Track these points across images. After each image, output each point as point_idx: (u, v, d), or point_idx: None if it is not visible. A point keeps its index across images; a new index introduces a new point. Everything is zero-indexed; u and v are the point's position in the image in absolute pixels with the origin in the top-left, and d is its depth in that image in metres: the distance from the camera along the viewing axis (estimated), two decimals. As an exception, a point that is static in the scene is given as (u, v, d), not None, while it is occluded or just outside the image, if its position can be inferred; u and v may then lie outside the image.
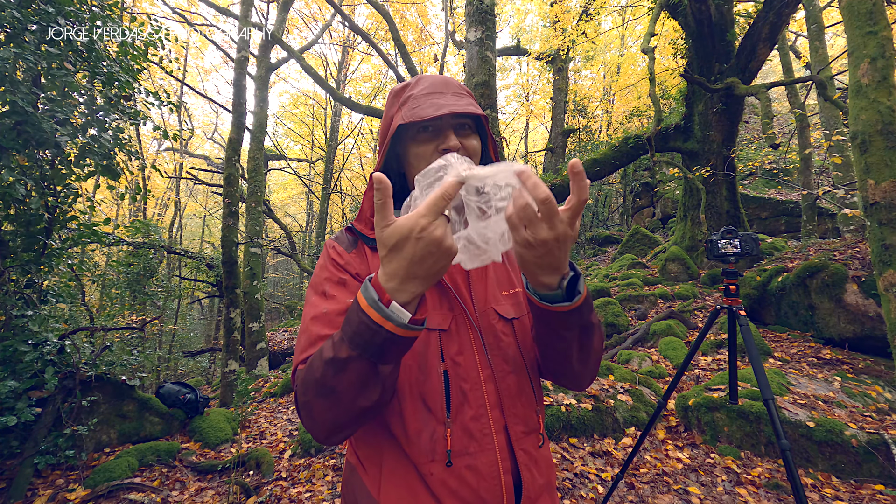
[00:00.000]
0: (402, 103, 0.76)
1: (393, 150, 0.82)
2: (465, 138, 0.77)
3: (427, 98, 0.74)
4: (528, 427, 0.75)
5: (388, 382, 0.62)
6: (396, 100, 0.79)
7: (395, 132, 0.78)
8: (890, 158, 2.47)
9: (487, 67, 4.02)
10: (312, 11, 13.14)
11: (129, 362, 3.53)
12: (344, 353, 0.56)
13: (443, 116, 0.73)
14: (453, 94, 0.75)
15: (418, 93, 0.75)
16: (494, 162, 0.86)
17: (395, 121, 0.74)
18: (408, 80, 0.82)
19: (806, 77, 6.29)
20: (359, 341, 0.55)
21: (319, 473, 3.00)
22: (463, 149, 0.76)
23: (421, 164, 0.76)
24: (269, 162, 13.72)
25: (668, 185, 11.45)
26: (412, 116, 0.71)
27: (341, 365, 0.57)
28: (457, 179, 0.50)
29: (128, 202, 10.11)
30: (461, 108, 0.71)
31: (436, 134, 0.75)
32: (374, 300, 0.53)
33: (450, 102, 0.73)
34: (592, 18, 10.66)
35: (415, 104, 0.73)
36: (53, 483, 2.73)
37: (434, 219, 0.50)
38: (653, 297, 5.75)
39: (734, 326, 1.93)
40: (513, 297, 0.82)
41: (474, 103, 0.77)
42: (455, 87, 0.78)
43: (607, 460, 2.84)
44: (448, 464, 0.67)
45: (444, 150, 0.74)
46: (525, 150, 19.55)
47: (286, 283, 21.67)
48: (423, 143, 0.76)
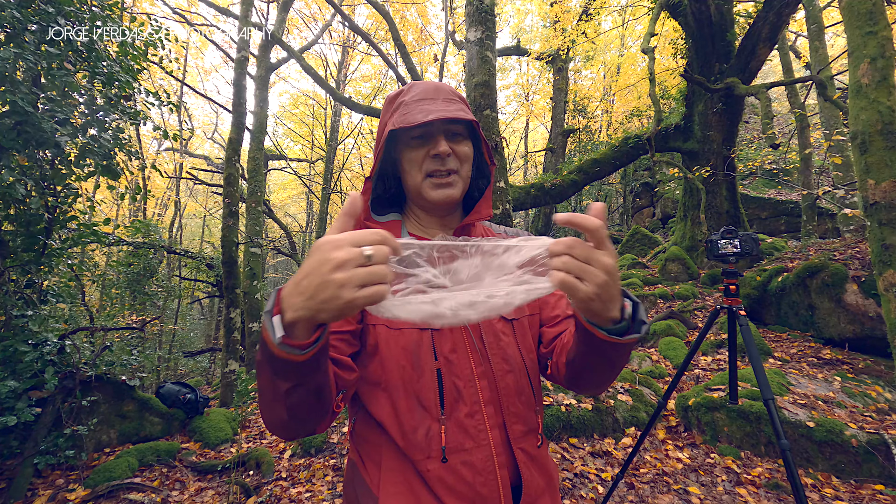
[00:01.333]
0: (395, 109, 0.78)
1: (388, 155, 0.84)
2: (457, 144, 0.78)
3: (418, 104, 0.75)
4: (527, 426, 0.75)
5: (294, 402, 0.56)
6: (390, 106, 0.80)
7: (389, 137, 0.80)
8: (890, 158, 2.47)
9: (487, 67, 4.01)
10: (312, 11, 13.14)
11: (129, 362, 3.53)
12: (258, 356, 0.54)
13: (433, 122, 0.74)
14: (444, 100, 0.77)
15: (409, 99, 0.77)
16: (490, 165, 0.87)
17: (387, 127, 0.76)
18: (406, 83, 0.83)
19: (806, 77, 6.29)
20: (264, 356, 0.52)
21: (319, 473, 3.00)
22: (453, 154, 0.77)
23: (413, 169, 0.78)
24: (269, 162, 13.71)
25: (668, 185, 11.45)
26: (402, 122, 0.73)
27: (258, 368, 0.55)
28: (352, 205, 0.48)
29: (128, 202, 10.11)
30: (450, 114, 0.72)
31: (426, 139, 0.77)
32: (267, 308, 0.50)
33: (439, 108, 0.74)
34: (592, 18, 10.67)
35: (405, 110, 0.75)
36: (53, 483, 2.73)
37: (336, 233, 0.47)
38: (653, 297, 5.75)
39: (734, 326, 1.93)
40: None
41: (465, 108, 0.79)
42: (446, 92, 0.79)
43: (607, 460, 2.84)
44: (444, 460, 0.68)
45: (434, 155, 0.76)
46: (525, 150, 19.55)
47: (286, 283, 21.64)
48: (415, 149, 0.77)
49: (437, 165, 0.77)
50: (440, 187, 0.78)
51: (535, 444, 0.76)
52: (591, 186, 13.18)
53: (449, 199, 0.79)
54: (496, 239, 0.56)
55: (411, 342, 0.72)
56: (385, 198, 0.90)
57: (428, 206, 0.82)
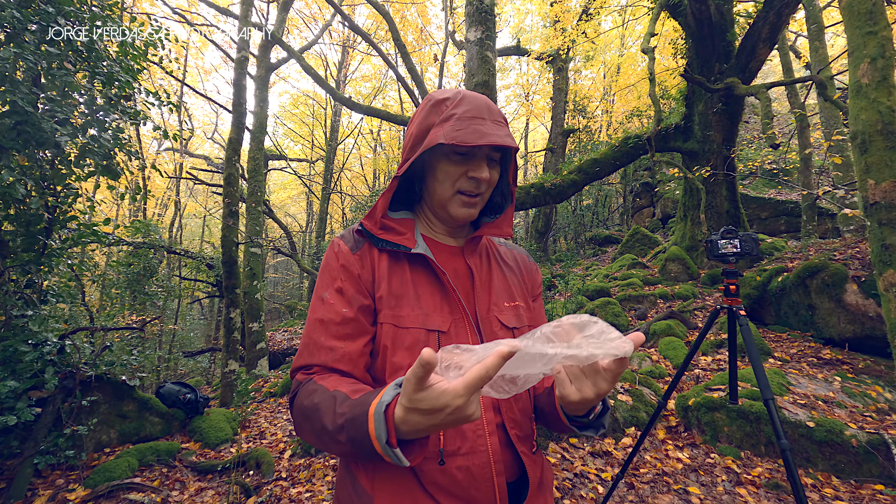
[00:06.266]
0: (444, 119, 0.76)
1: (419, 157, 0.83)
2: (493, 169, 0.80)
3: (470, 122, 0.74)
4: (523, 432, 0.76)
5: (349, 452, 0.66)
6: (436, 112, 0.78)
7: None
8: (890, 158, 2.47)
9: (487, 67, 4.02)
10: (312, 11, 13.14)
11: (129, 362, 3.52)
12: (342, 438, 0.60)
13: (482, 145, 0.74)
14: (494, 122, 0.76)
15: (462, 114, 0.75)
16: (512, 186, 0.88)
17: (435, 136, 0.74)
18: (446, 90, 0.82)
19: (806, 77, 6.28)
20: (357, 445, 0.58)
21: (319, 473, 3.00)
22: (487, 180, 0.78)
23: (447, 182, 0.78)
24: (269, 162, 13.71)
25: (668, 185, 11.45)
26: (455, 139, 0.72)
27: (333, 440, 0.62)
28: (498, 357, 0.48)
29: (128, 202, 10.12)
30: (500, 141, 0.72)
31: (469, 158, 0.77)
32: (382, 439, 0.54)
33: (491, 131, 0.74)
34: (592, 18, 10.66)
35: (458, 126, 0.73)
36: (53, 483, 2.73)
37: (469, 398, 0.49)
38: (653, 297, 5.75)
39: (734, 326, 1.93)
40: (514, 308, 0.83)
41: (511, 134, 0.79)
42: (496, 113, 0.78)
43: (607, 460, 2.84)
44: (441, 462, 0.68)
45: (472, 177, 0.77)
46: (525, 150, 19.54)
47: (286, 283, 21.68)
48: (455, 164, 0.77)
49: (471, 187, 0.78)
50: (466, 206, 0.80)
51: (531, 448, 0.77)
52: (591, 186, 13.18)
53: (470, 218, 0.82)
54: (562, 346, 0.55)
55: (416, 343, 0.72)
56: (397, 195, 0.89)
57: (447, 218, 0.83)
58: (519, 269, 0.93)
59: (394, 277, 0.77)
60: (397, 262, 0.79)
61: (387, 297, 0.75)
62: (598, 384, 0.57)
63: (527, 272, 0.94)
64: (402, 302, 0.75)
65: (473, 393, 0.49)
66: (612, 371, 0.55)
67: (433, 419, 0.51)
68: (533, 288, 0.93)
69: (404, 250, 0.78)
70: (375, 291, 0.76)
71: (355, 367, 0.72)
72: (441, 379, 0.51)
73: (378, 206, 0.80)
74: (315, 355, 0.73)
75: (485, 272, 0.85)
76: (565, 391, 0.59)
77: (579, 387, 0.58)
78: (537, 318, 0.90)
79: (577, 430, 0.70)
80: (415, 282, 0.77)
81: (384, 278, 0.76)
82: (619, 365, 0.54)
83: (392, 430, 0.54)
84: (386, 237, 0.79)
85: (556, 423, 0.73)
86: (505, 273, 0.88)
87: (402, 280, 0.77)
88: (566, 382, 0.58)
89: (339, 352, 0.72)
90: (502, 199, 0.91)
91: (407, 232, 0.81)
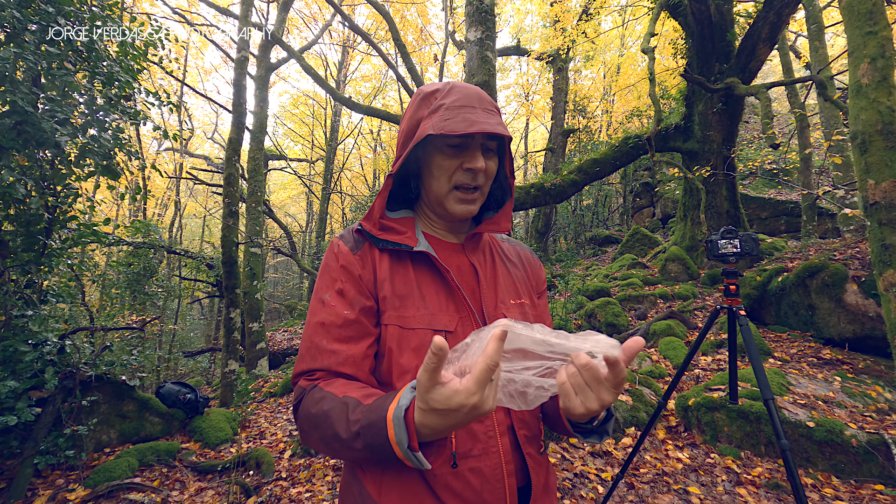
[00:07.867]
0: (433, 111, 0.74)
1: (413, 154, 0.81)
2: (489, 159, 0.78)
3: (459, 111, 0.72)
4: (531, 432, 0.76)
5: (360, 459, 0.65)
6: (425, 105, 0.77)
7: None
8: (890, 158, 2.47)
9: (487, 67, 4.02)
10: (312, 11, 13.14)
11: (129, 362, 3.53)
12: (357, 445, 0.60)
13: (474, 134, 0.73)
14: (484, 111, 0.74)
15: (451, 103, 0.73)
16: (510, 178, 0.87)
17: (424, 128, 0.73)
18: (436, 83, 0.80)
19: (806, 77, 6.28)
20: (374, 451, 0.58)
21: (319, 473, 3.00)
22: (484, 170, 0.76)
23: (442, 176, 0.76)
24: (269, 162, 13.71)
25: (668, 185, 11.45)
26: (443, 129, 0.70)
27: (347, 447, 0.61)
28: (495, 340, 0.49)
29: (128, 202, 10.11)
30: (492, 129, 0.70)
31: (462, 150, 0.75)
32: (404, 444, 0.55)
33: (481, 119, 0.71)
34: (592, 18, 10.66)
35: (447, 116, 0.71)
36: (53, 483, 2.73)
37: (482, 392, 0.50)
38: (653, 297, 5.74)
39: (734, 326, 1.93)
40: (520, 306, 0.82)
41: (503, 123, 0.77)
42: (487, 102, 0.77)
43: (607, 460, 2.84)
44: (454, 465, 0.66)
45: (468, 169, 0.75)
46: (525, 150, 19.55)
47: (286, 283, 21.68)
48: (448, 157, 0.75)
49: (467, 179, 0.76)
50: (464, 202, 0.78)
51: (539, 449, 0.77)
52: (591, 186, 13.18)
53: (469, 214, 0.79)
54: (561, 345, 0.56)
55: (424, 343, 0.70)
56: (397, 193, 0.88)
57: (445, 216, 0.82)
58: (523, 266, 0.91)
59: (396, 277, 0.75)
60: (399, 261, 0.77)
61: (390, 297, 0.73)
62: (602, 395, 0.56)
63: (531, 269, 0.92)
64: (406, 302, 0.73)
65: (485, 386, 0.49)
66: (611, 380, 0.55)
67: (451, 419, 0.51)
68: (537, 284, 0.91)
69: (406, 249, 0.76)
70: (378, 292, 0.75)
71: (359, 370, 0.71)
72: (453, 377, 0.51)
73: (375, 207, 0.79)
74: (317, 359, 0.71)
75: (489, 269, 0.84)
76: (570, 404, 0.58)
77: (584, 399, 0.57)
78: (542, 315, 0.88)
79: (581, 436, 0.71)
80: (419, 281, 0.75)
81: (386, 279, 0.75)
82: (614, 373, 0.54)
83: (413, 434, 0.54)
84: (386, 237, 0.78)
85: (560, 428, 0.74)
86: (509, 270, 0.87)
87: (406, 280, 0.75)
88: (570, 394, 0.57)
89: (342, 355, 0.70)
90: (503, 193, 0.89)
91: (407, 231, 0.79)
